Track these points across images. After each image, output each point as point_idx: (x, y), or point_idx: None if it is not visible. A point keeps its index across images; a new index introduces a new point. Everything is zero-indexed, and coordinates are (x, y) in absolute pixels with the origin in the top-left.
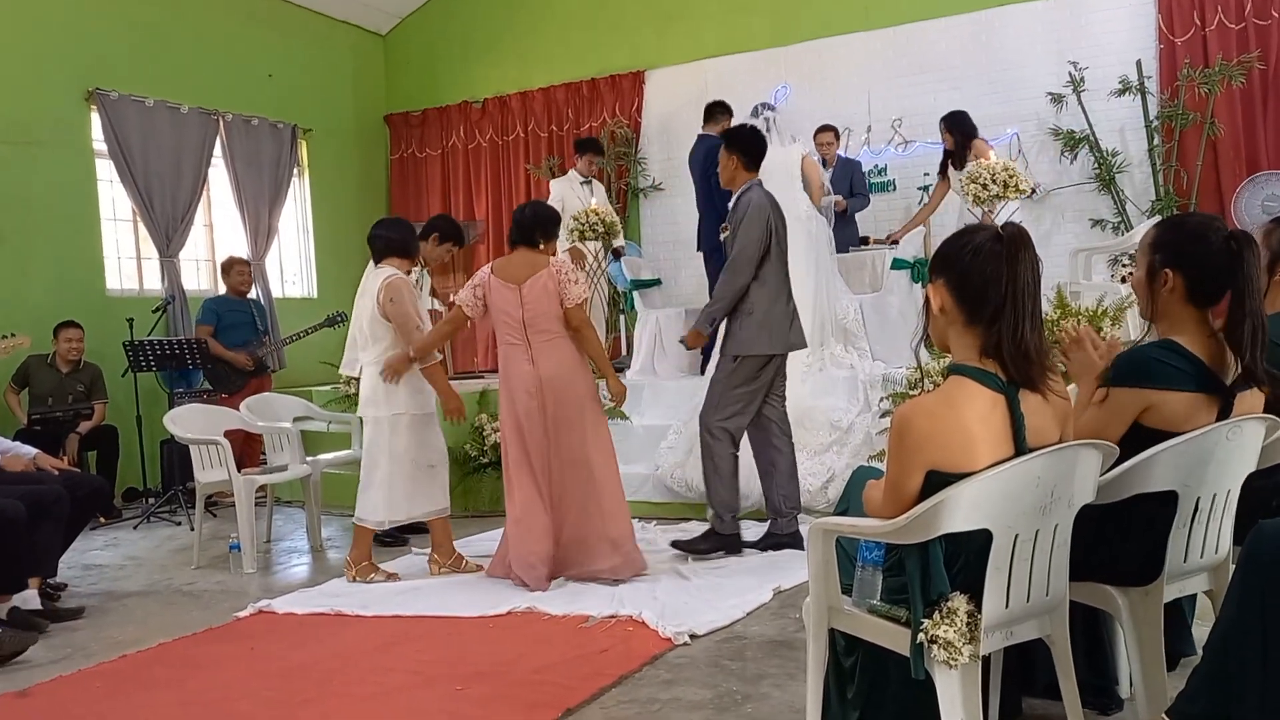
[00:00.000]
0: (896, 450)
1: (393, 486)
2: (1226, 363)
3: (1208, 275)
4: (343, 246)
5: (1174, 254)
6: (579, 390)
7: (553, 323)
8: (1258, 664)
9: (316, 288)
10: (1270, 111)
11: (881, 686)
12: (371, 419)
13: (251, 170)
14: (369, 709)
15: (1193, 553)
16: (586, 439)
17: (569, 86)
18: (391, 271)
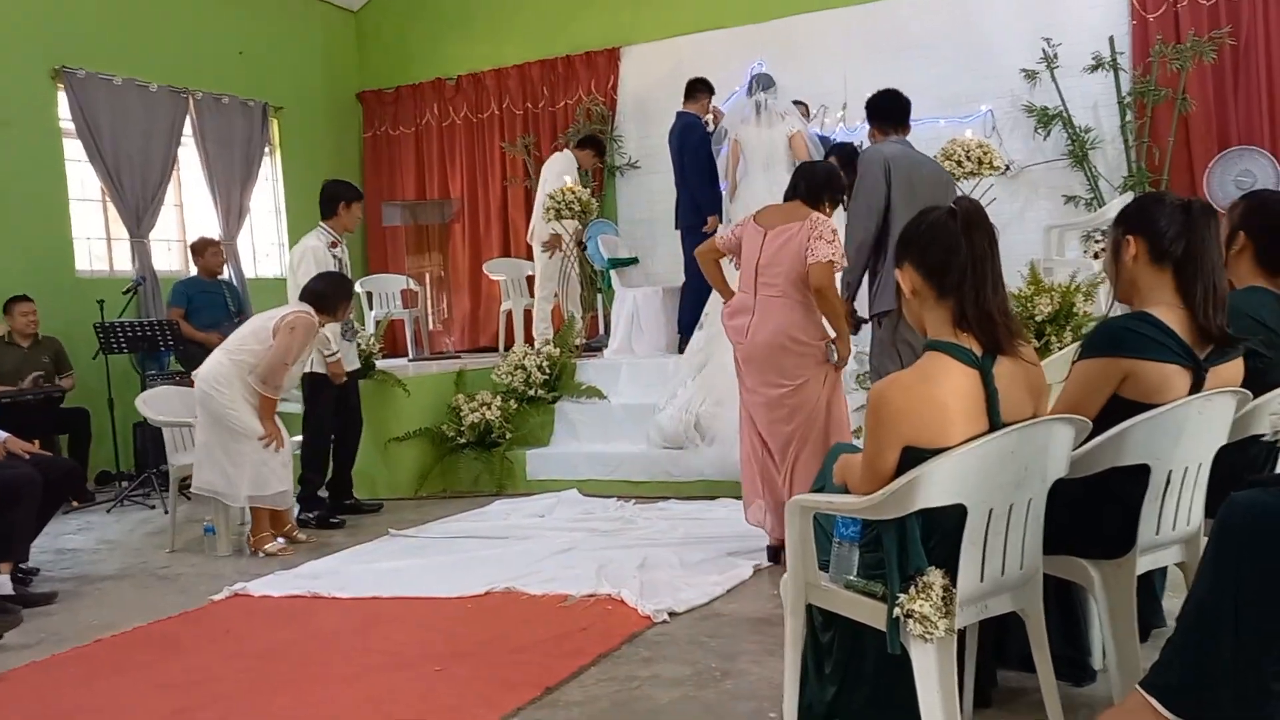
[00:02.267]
0: (873, 427)
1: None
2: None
3: (1163, 233)
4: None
5: (1133, 221)
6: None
7: (782, 279)
8: (1229, 635)
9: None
10: (1241, 87)
11: (858, 661)
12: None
13: (222, 149)
14: (347, 691)
15: (1165, 525)
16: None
17: (544, 63)
18: (307, 309)
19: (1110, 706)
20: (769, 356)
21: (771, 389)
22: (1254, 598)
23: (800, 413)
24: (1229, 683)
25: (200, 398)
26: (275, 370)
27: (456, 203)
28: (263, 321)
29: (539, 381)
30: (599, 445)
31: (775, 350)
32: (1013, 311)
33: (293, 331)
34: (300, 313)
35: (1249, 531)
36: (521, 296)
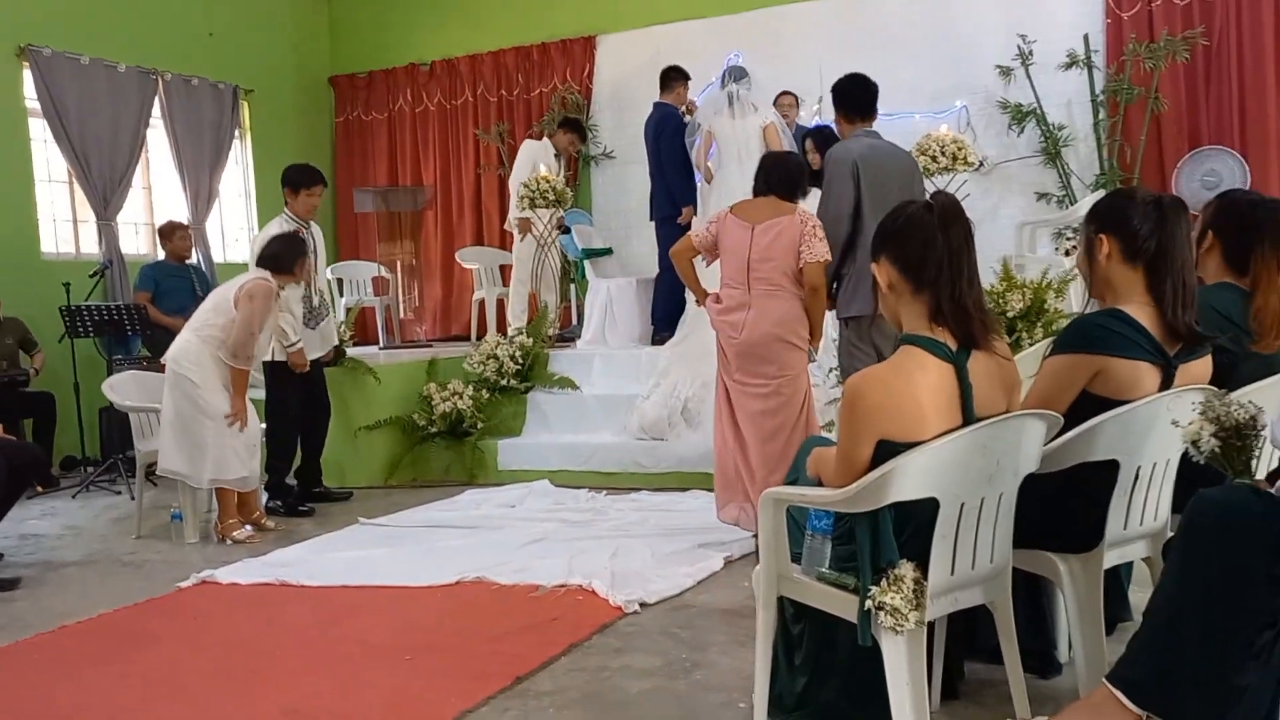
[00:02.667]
0: (847, 420)
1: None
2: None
3: (1136, 232)
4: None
5: (1104, 219)
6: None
7: (777, 273)
8: (1196, 631)
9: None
10: (1213, 87)
11: (829, 652)
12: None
13: (191, 132)
14: (315, 680)
15: (1133, 520)
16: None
17: (519, 50)
18: (263, 275)
19: (1076, 699)
20: (767, 350)
21: (767, 381)
22: (1220, 594)
23: (791, 403)
24: (1195, 678)
25: (171, 379)
26: (243, 341)
27: (429, 190)
28: (222, 293)
29: (511, 371)
30: (571, 436)
31: (773, 343)
32: (987, 306)
33: (252, 300)
34: (257, 280)
35: (1216, 528)
36: (494, 285)
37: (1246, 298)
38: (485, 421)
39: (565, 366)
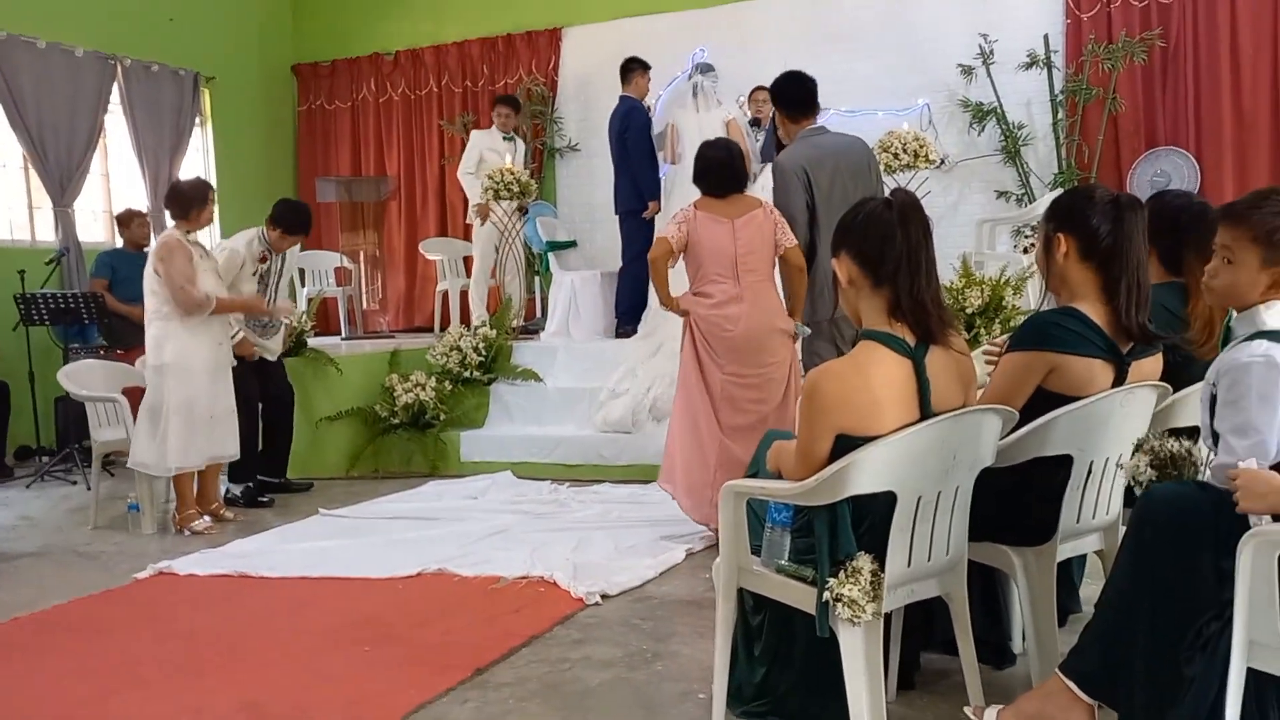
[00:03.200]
0: (807, 414)
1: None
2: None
3: (1094, 232)
4: (247, 200)
5: (1063, 218)
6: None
7: (762, 263)
8: (1145, 622)
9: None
10: (1169, 88)
11: (788, 643)
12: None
13: (151, 119)
14: (274, 673)
15: (1085, 514)
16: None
17: (484, 41)
18: (166, 234)
19: (1030, 689)
20: (767, 340)
21: (760, 369)
22: (1169, 587)
23: (779, 386)
24: (1144, 668)
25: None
26: (185, 297)
27: (393, 180)
28: (146, 270)
29: (474, 363)
30: (534, 428)
31: (767, 333)
32: (945, 302)
33: (164, 260)
34: (161, 239)
35: (1165, 523)
36: (458, 277)
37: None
38: (448, 413)
39: (529, 359)
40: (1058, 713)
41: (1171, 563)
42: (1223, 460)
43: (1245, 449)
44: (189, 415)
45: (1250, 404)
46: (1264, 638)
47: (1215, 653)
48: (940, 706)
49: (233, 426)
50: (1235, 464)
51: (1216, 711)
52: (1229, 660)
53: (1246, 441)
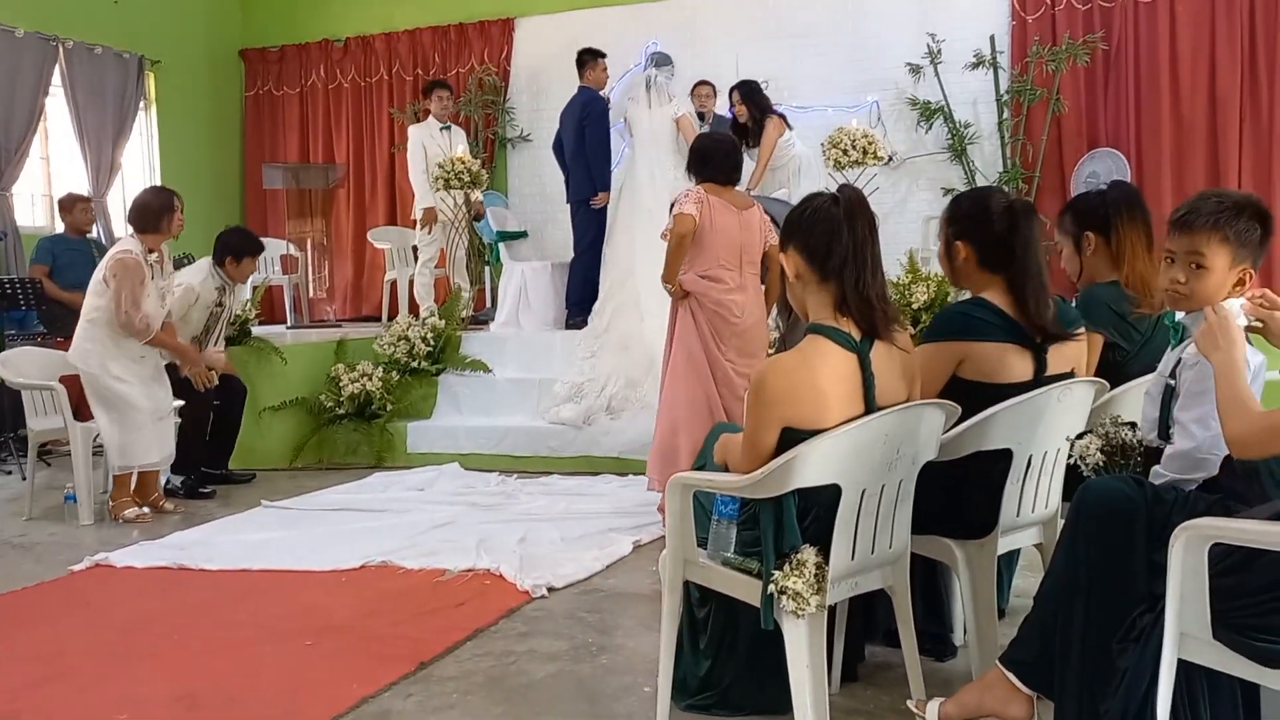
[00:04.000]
0: (754, 407)
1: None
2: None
3: (992, 242)
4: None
5: (962, 225)
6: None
7: (757, 258)
8: (1080, 614)
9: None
10: (1110, 90)
11: (733, 636)
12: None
13: (94, 102)
14: (212, 663)
15: (1025, 508)
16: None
17: (435, 30)
18: (125, 248)
19: (970, 680)
20: (761, 333)
21: (753, 359)
22: (1103, 580)
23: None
24: (1079, 659)
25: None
26: (127, 321)
27: (342, 168)
28: (96, 273)
29: (423, 353)
30: (482, 419)
31: (762, 325)
32: (891, 298)
33: (118, 278)
34: (119, 255)
35: (1101, 516)
36: (407, 266)
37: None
38: (395, 403)
39: (478, 349)
40: (997, 704)
41: (1106, 556)
42: (1180, 446)
43: (1207, 440)
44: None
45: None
46: (1194, 630)
47: (1148, 644)
48: (882, 699)
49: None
50: (1193, 449)
51: (1148, 702)
52: (1161, 652)
53: (1209, 433)
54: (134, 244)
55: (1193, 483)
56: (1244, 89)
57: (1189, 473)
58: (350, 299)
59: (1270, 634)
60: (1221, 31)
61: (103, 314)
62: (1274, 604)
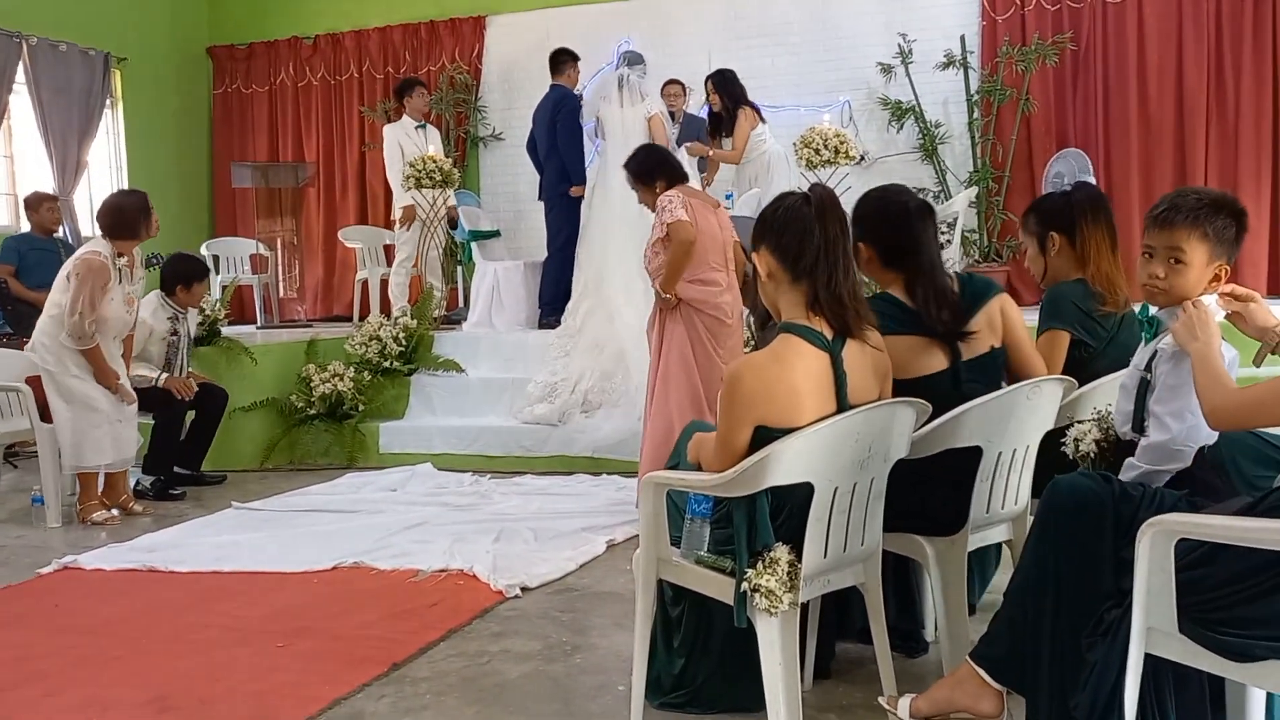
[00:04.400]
0: (727, 406)
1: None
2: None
3: (891, 244)
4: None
5: (864, 228)
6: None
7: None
8: (1049, 609)
9: None
10: (1079, 90)
11: (706, 634)
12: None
13: (59, 99)
14: (182, 665)
15: (995, 504)
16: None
17: (406, 28)
18: (94, 249)
19: (942, 676)
20: (740, 328)
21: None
22: (1073, 575)
23: None
24: (1048, 654)
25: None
26: (75, 325)
27: (312, 167)
28: (62, 270)
29: (394, 353)
30: (455, 419)
31: (742, 321)
32: (863, 296)
33: (80, 278)
34: (85, 255)
35: (1069, 512)
36: (378, 265)
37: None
38: (367, 404)
39: (450, 349)
40: (968, 699)
41: (1074, 552)
42: (1156, 439)
43: (1182, 431)
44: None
45: (1188, 389)
46: (1161, 624)
47: (1115, 639)
48: (855, 695)
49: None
50: (1168, 440)
51: (1116, 696)
52: (1128, 646)
53: (1184, 425)
54: (104, 246)
55: (1165, 475)
56: (1210, 90)
57: (1164, 464)
58: (321, 299)
59: (1234, 627)
60: (1189, 33)
61: (63, 310)
62: (1238, 598)
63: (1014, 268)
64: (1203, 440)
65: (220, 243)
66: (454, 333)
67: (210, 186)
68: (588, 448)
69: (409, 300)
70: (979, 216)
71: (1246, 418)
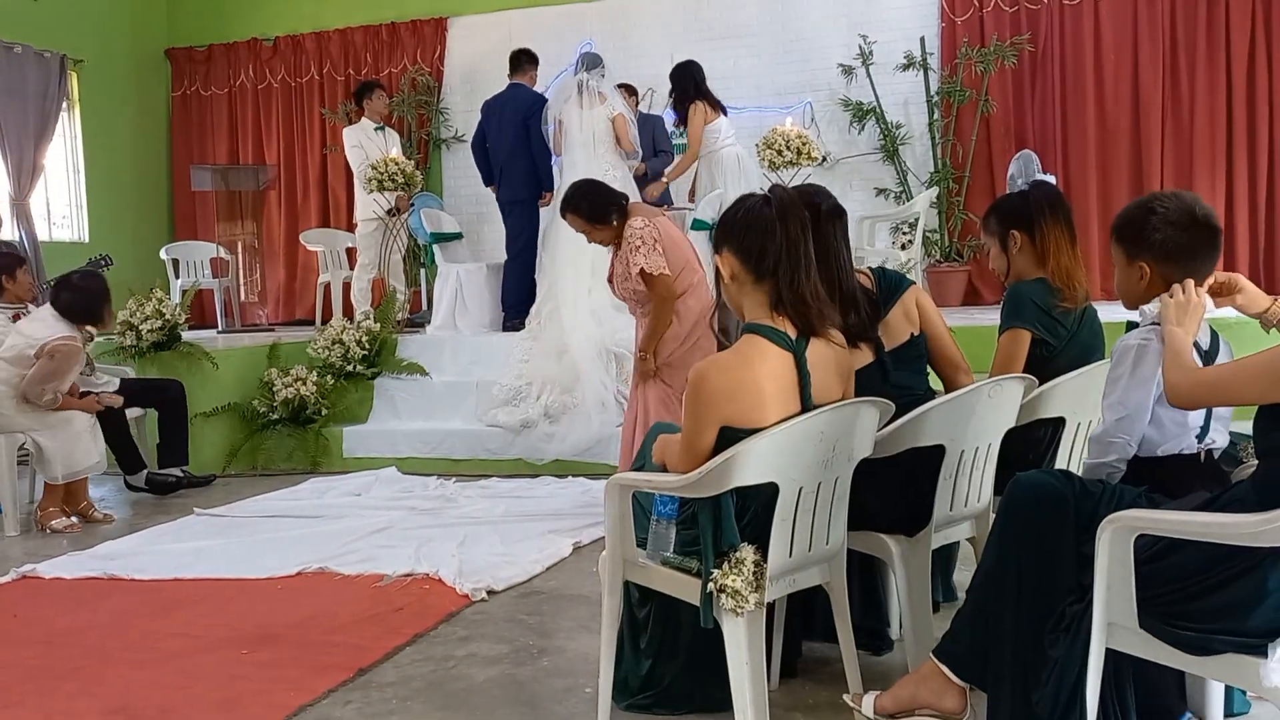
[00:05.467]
0: (691, 405)
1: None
2: None
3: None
4: (118, 188)
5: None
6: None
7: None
8: (1012, 606)
9: (88, 231)
10: (1037, 91)
11: (673, 635)
12: None
13: (14, 101)
14: (145, 675)
15: (958, 502)
16: None
17: (367, 29)
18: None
19: (906, 674)
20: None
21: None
22: (1034, 571)
23: None
24: (1010, 650)
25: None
26: (39, 394)
27: (272, 169)
28: (26, 342)
29: (358, 357)
30: (420, 422)
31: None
32: (825, 295)
33: (54, 358)
34: (66, 340)
35: (1030, 509)
36: (340, 269)
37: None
38: (330, 408)
39: (414, 352)
40: (931, 696)
41: (1036, 548)
42: (1095, 431)
43: (1114, 425)
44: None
45: (1127, 382)
46: (1121, 619)
47: (1077, 634)
48: (821, 694)
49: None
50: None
51: (1078, 690)
52: (1090, 641)
53: (1114, 416)
54: (75, 331)
55: (1114, 470)
56: (1165, 90)
57: (1101, 456)
58: (283, 302)
59: (1192, 621)
60: (1144, 34)
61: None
62: (1195, 591)
63: (975, 267)
64: (1140, 433)
65: (180, 246)
66: (418, 335)
67: (169, 190)
68: (553, 452)
69: (372, 303)
70: (940, 217)
71: (1202, 396)
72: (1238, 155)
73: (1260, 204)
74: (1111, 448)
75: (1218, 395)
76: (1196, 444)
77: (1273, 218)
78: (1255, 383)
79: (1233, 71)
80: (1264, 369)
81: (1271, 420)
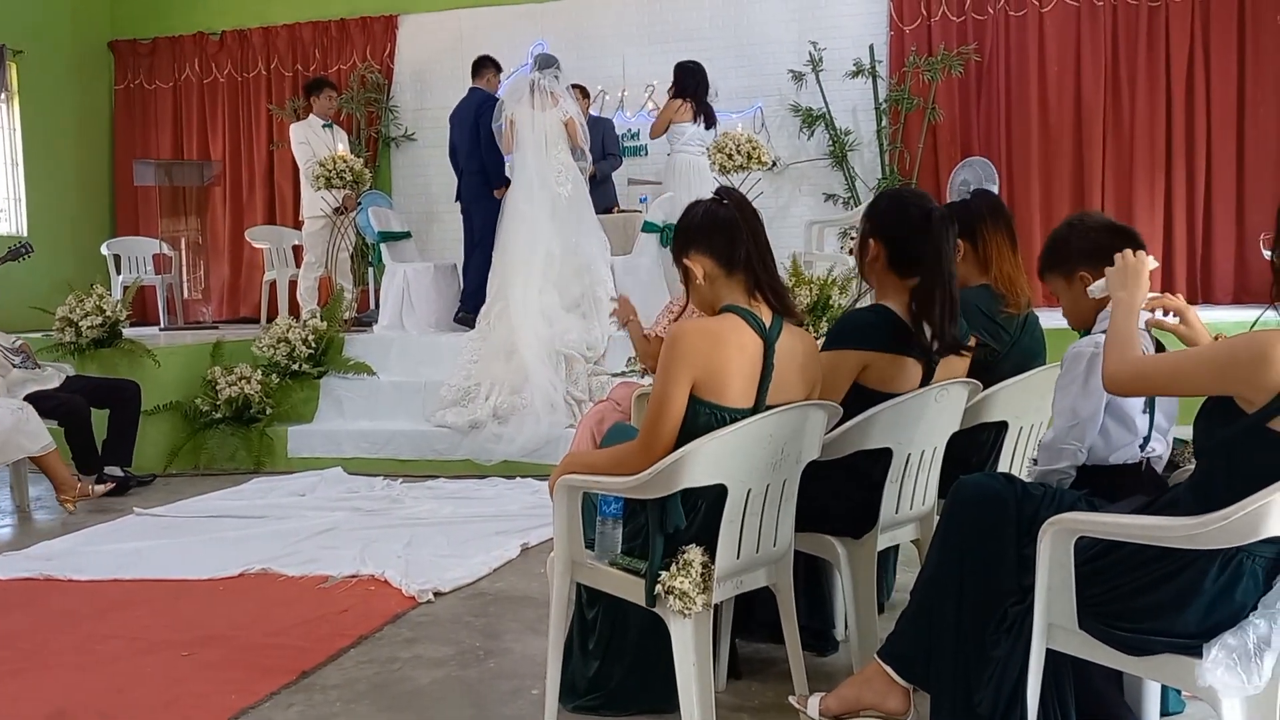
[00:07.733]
0: (666, 361)
1: None
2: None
3: (904, 246)
4: (58, 181)
5: (878, 225)
6: None
7: None
8: (954, 607)
9: (27, 225)
10: (983, 100)
11: (621, 636)
12: None
13: None
14: (83, 677)
15: (904, 505)
16: None
17: (316, 25)
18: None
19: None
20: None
21: None
22: (976, 573)
23: None
24: (953, 650)
25: None
26: None
27: (218, 165)
28: None
29: (303, 356)
30: (366, 422)
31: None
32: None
33: None
34: None
35: (973, 512)
36: (286, 266)
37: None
38: (275, 407)
39: (361, 351)
40: (876, 697)
41: (978, 550)
42: (1045, 437)
43: (1065, 432)
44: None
45: (1079, 390)
46: (1061, 620)
47: (1019, 635)
48: (766, 694)
49: None
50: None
51: (1019, 690)
52: (1031, 642)
53: (1065, 423)
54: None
55: (1064, 476)
56: (1106, 101)
57: (1052, 463)
58: (227, 300)
59: (1130, 621)
60: (1086, 45)
61: None
62: (1132, 592)
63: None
64: (1091, 440)
65: (121, 242)
66: (365, 335)
67: (111, 184)
68: (502, 453)
69: (318, 302)
70: None
71: (1135, 386)
72: (1176, 164)
73: (1199, 212)
74: (1062, 455)
75: (1148, 386)
76: (1140, 453)
77: (1210, 225)
78: (1197, 373)
79: (1172, 83)
80: (1207, 361)
81: (1211, 419)
